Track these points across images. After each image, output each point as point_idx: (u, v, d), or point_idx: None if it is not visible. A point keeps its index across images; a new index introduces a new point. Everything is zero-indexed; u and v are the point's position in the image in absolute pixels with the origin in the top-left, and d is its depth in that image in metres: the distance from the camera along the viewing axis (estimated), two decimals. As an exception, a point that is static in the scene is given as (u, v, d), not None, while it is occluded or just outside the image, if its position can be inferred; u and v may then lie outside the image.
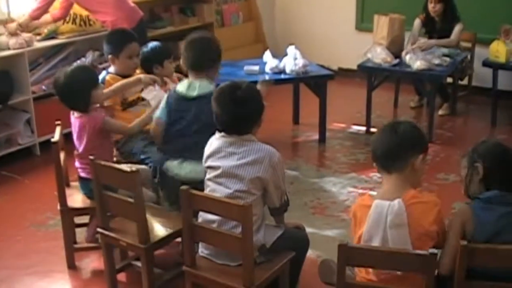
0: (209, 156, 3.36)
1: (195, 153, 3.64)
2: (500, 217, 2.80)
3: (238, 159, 3.24)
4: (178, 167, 3.79)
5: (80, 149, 4.00)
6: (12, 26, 5.78)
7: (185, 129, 3.85)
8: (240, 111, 3.25)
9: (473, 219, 2.81)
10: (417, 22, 6.63)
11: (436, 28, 6.61)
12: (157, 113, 3.97)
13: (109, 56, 4.56)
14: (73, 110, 4.00)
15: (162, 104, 3.97)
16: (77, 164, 4.08)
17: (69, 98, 3.95)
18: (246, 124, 3.29)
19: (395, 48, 6.32)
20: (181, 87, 3.92)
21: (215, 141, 3.36)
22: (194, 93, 3.84)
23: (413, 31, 6.58)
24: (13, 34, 5.72)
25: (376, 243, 2.79)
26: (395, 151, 2.91)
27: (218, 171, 3.28)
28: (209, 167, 3.35)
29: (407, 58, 6.16)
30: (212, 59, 3.96)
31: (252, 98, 3.30)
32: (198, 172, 3.59)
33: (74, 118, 4.00)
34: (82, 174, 4.05)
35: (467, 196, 3.03)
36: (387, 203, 2.80)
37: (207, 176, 3.36)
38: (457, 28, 6.49)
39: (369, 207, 2.84)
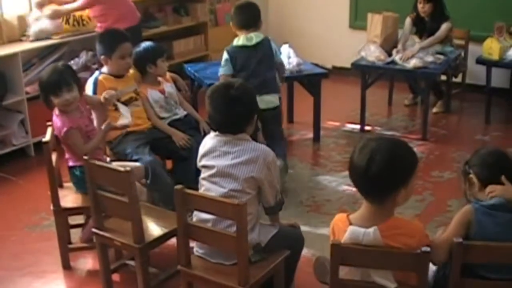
0: (203, 155, 3.36)
1: (269, 87, 4.95)
2: (501, 224, 2.78)
3: (232, 159, 3.24)
4: (259, 99, 3.92)
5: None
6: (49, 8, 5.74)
7: (255, 71, 4.89)
8: (232, 110, 3.24)
9: (474, 223, 2.79)
10: (408, 21, 6.63)
11: (426, 28, 6.62)
12: (220, 71, 4.97)
13: (102, 57, 4.55)
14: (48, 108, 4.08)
15: (223, 62, 4.96)
16: (67, 156, 4.11)
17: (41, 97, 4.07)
18: (239, 123, 3.29)
19: (389, 46, 6.33)
20: (240, 41, 4.97)
21: (209, 140, 3.36)
22: (253, 42, 4.94)
23: (405, 30, 6.58)
24: (52, 17, 5.67)
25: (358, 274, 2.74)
26: (369, 184, 2.62)
27: (213, 171, 3.28)
28: (204, 166, 3.35)
29: (397, 58, 6.17)
30: (258, 15, 5.10)
31: (245, 98, 3.29)
32: (274, 101, 5.00)
33: (54, 114, 4.07)
34: (70, 164, 4.08)
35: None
36: (362, 230, 2.62)
37: (202, 175, 3.36)
38: (444, 26, 6.48)
39: (345, 232, 2.68)
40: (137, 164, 4.22)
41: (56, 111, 4.00)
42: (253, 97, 3.38)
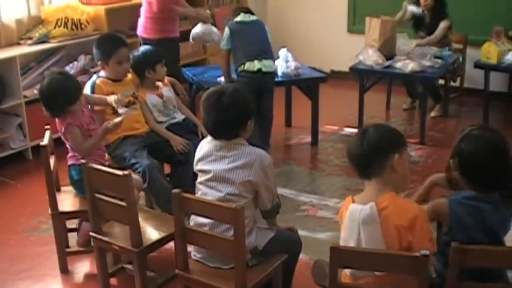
0: (199, 160, 3.36)
1: (267, 53, 5.61)
2: (473, 213, 2.81)
3: (229, 163, 3.24)
4: (260, 63, 5.48)
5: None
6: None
7: (252, 41, 5.57)
8: (223, 117, 3.23)
9: (449, 213, 2.84)
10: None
11: (424, 24, 6.63)
12: (222, 44, 5.67)
13: (99, 62, 4.55)
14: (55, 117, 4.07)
15: (225, 36, 5.64)
16: (70, 153, 4.14)
17: (48, 106, 4.05)
18: (232, 130, 3.28)
19: (387, 50, 6.33)
20: (240, 18, 5.70)
21: (205, 145, 3.36)
22: (250, 19, 5.74)
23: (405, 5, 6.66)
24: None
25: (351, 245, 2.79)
26: (365, 158, 2.82)
27: (209, 175, 3.28)
28: (200, 171, 3.35)
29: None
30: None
31: (237, 104, 3.26)
32: (272, 66, 5.63)
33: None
34: (70, 161, 4.09)
35: (448, 183, 3.09)
36: (360, 207, 2.77)
37: (198, 179, 3.36)
38: (442, 25, 6.51)
39: (347, 210, 2.84)
40: (136, 176, 4.20)
41: None
42: (247, 102, 3.34)
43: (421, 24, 6.70)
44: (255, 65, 5.45)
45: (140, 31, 5.90)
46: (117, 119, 4.17)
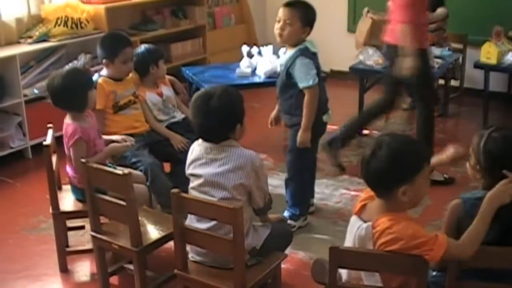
0: (190, 163, 3.35)
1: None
2: None
3: (219, 166, 3.23)
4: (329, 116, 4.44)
5: (67, 154, 4.01)
6: None
7: (321, 82, 4.34)
8: (209, 121, 3.22)
9: (464, 215, 2.78)
10: None
11: None
12: (310, 81, 4.17)
13: (104, 61, 4.55)
14: (69, 110, 3.97)
15: (309, 67, 4.19)
16: (68, 169, 4.07)
17: (65, 99, 3.93)
18: (219, 133, 3.26)
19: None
20: (310, 45, 4.26)
21: (196, 147, 3.35)
22: (317, 49, 4.31)
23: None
24: None
25: None
26: (372, 181, 2.69)
27: (201, 180, 3.27)
28: (192, 175, 3.34)
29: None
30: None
31: (224, 108, 3.22)
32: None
33: (65, 122, 3.99)
34: (73, 182, 4.06)
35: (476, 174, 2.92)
36: (359, 224, 2.70)
37: (191, 184, 3.35)
38: (440, 10, 6.51)
39: (355, 209, 2.80)
40: (137, 172, 4.19)
41: (67, 119, 3.97)
42: (235, 105, 3.28)
43: None
44: (328, 119, 4.52)
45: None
46: (128, 143, 4.15)
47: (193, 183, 3.33)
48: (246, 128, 3.36)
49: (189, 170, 3.36)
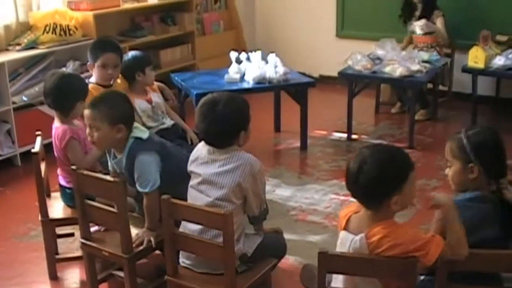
0: (193, 161, 3.38)
1: None
2: (476, 214, 2.80)
3: (219, 166, 3.25)
4: None
5: (57, 156, 4.02)
6: None
7: None
8: (213, 128, 3.24)
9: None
10: None
11: (415, 15, 6.67)
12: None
13: (88, 63, 4.60)
14: (54, 109, 4.01)
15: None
16: (58, 171, 4.08)
17: (54, 98, 3.97)
18: (224, 139, 3.28)
19: None
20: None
21: (201, 147, 3.38)
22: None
23: None
24: None
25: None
26: (361, 197, 2.70)
27: (199, 179, 3.29)
28: (192, 172, 3.37)
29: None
30: None
31: (229, 115, 3.24)
32: None
33: (54, 126, 4.01)
34: (62, 182, 4.06)
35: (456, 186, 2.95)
36: (351, 237, 2.68)
37: (190, 182, 3.38)
38: (440, 22, 6.59)
39: (342, 225, 2.77)
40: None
41: (56, 123, 3.98)
42: (241, 113, 3.32)
43: (413, 15, 6.74)
44: None
45: None
46: None
47: (192, 181, 3.35)
48: (250, 134, 3.37)
49: (190, 167, 3.39)
